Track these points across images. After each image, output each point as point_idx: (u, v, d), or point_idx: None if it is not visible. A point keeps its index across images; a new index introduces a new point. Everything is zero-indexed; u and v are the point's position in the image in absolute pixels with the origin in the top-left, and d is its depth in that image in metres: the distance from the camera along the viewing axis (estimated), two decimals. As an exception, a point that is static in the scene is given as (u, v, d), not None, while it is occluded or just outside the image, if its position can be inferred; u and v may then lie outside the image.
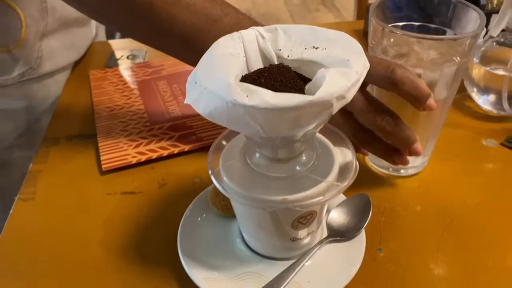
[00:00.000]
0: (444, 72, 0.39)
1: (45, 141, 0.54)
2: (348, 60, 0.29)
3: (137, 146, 0.51)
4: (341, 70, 0.29)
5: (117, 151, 0.50)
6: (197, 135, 0.52)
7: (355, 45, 0.31)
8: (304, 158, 0.34)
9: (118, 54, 0.71)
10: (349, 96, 0.28)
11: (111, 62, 0.69)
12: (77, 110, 0.59)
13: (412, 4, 0.43)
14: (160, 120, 0.55)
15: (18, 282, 0.38)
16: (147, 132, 0.53)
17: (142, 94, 0.61)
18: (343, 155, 0.35)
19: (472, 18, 0.39)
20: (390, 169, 0.47)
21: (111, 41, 0.78)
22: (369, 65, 0.30)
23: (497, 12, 0.52)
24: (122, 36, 0.94)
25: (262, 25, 0.36)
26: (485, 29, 0.57)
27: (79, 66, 0.69)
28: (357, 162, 0.34)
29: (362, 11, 1.03)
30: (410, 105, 0.41)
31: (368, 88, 0.44)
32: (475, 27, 0.38)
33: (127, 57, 0.70)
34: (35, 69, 0.60)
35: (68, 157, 0.51)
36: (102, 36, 0.81)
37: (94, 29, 0.75)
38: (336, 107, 0.28)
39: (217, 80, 0.28)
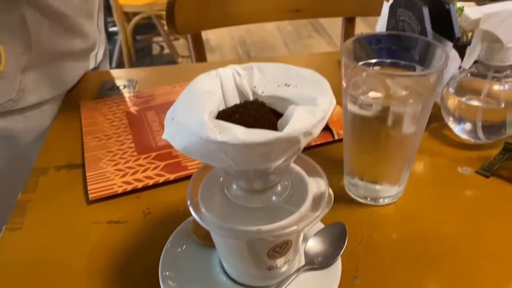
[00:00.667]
0: (410, 107, 0.41)
1: (35, 171, 0.55)
2: (315, 98, 0.31)
3: (123, 176, 0.52)
4: (308, 108, 0.30)
5: (104, 180, 0.51)
6: (182, 164, 0.54)
7: (324, 84, 0.33)
8: (279, 188, 0.35)
9: (109, 84, 0.73)
10: (316, 132, 0.30)
11: (103, 92, 0.71)
12: (67, 140, 0.61)
13: (384, 42, 0.45)
14: (147, 149, 0.57)
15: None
16: (133, 161, 0.54)
17: (130, 124, 0.62)
18: (317, 185, 0.37)
19: (440, 56, 0.42)
20: (368, 199, 0.48)
21: (102, 71, 0.80)
22: (335, 102, 0.32)
23: (470, 45, 0.55)
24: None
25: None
26: (460, 60, 0.60)
27: (71, 95, 0.71)
28: (331, 192, 0.36)
29: (348, 40, 1.06)
30: (383, 135, 0.43)
31: (343, 121, 0.46)
32: (441, 63, 0.40)
33: (118, 88, 0.72)
34: (15, 101, 0.61)
35: (56, 186, 0.53)
36: (105, 66, 0.83)
37: (94, 61, 0.77)
38: (304, 142, 0.29)
39: (192, 117, 0.30)
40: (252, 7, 1.02)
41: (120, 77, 0.77)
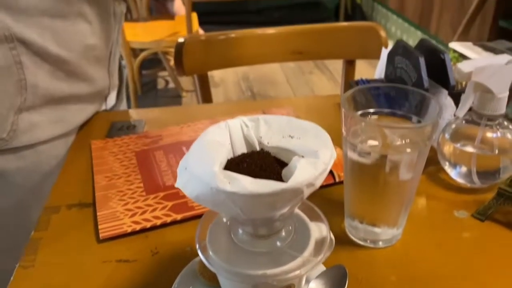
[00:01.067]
0: (407, 156, 0.43)
1: (46, 209, 0.57)
2: (317, 151, 0.34)
3: (132, 216, 0.54)
4: (310, 160, 0.33)
5: (114, 220, 0.53)
6: (188, 205, 0.56)
7: (325, 137, 0.36)
8: (283, 234, 0.38)
9: (118, 124, 0.76)
10: (318, 183, 0.32)
11: (112, 132, 0.74)
12: (78, 179, 0.63)
13: (382, 94, 0.48)
14: (155, 189, 0.59)
15: None
16: (142, 201, 0.57)
17: (139, 163, 0.65)
18: (319, 229, 0.39)
19: (434, 108, 0.45)
20: (368, 241, 0.50)
21: (112, 112, 0.83)
22: (335, 154, 0.34)
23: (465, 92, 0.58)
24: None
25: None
26: (455, 107, 0.63)
27: (82, 134, 0.74)
28: (333, 236, 0.38)
29: (348, 84, 1.10)
30: (381, 181, 0.45)
31: (344, 166, 0.48)
32: (435, 115, 0.43)
33: (127, 128, 0.75)
34: (7, 140, 0.61)
35: (68, 225, 0.55)
36: (119, 107, 0.85)
37: (105, 104, 0.79)
38: (306, 193, 0.32)
39: (203, 168, 0.33)
40: (256, 50, 1.07)
41: (130, 117, 0.80)
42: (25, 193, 0.67)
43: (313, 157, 0.34)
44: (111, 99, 0.82)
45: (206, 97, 1.09)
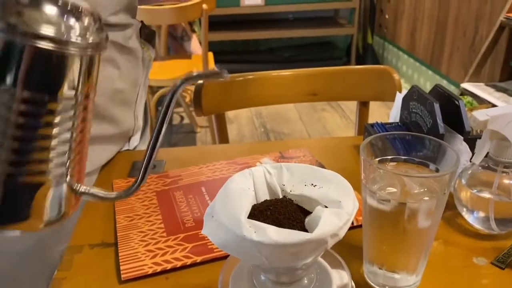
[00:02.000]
0: (425, 204, 0.44)
1: (70, 248, 0.58)
2: (340, 201, 0.35)
3: (153, 257, 0.55)
4: (334, 211, 0.34)
5: (135, 261, 0.54)
6: (208, 246, 0.57)
7: (347, 187, 0.37)
8: (305, 281, 0.38)
9: (140, 164, 0.78)
10: (341, 234, 0.33)
11: (134, 172, 0.76)
12: (100, 218, 0.65)
13: (399, 141, 0.50)
14: (176, 230, 0.60)
15: None
16: (163, 242, 0.58)
17: (160, 204, 0.67)
18: (340, 277, 0.40)
19: (451, 156, 0.46)
20: (387, 287, 0.50)
21: (134, 151, 0.86)
22: (358, 205, 0.36)
23: (480, 137, 0.59)
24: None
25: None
26: (470, 153, 0.64)
27: (104, 173, 0.76)
28: (353, 284, 0.39)
29: (362, 124, 1.12)
30: (400, 228, 0.46)
31: (362, 213, 0.49)
32: (452, 164, 0.44)
33: (148, 167, 0.77)
34: None
35: (90, 265, 0.56)
36: (141, 147, 0.88)
37: (127, 145, 0.82)
38: (330, 243, 0.33)
39: (230, 216, 0.34)
40: (273, 91, 1.10)
41: (150, 156, 0.82)
42: (45, 233, 0.68)
43: (336, 207, 0.35)
44: (135, 140, 0.85)
45: (223, 135, 1.12)
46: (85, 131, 0.39)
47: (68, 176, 0.37)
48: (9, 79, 0.32)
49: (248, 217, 0.35)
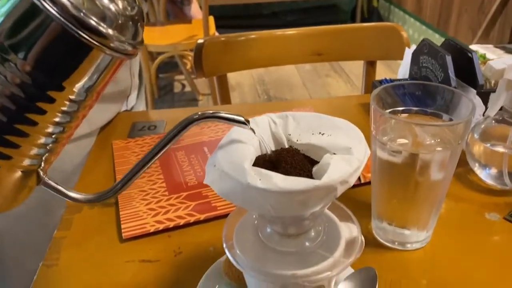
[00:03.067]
0: (439, 155, 0.42)
1: (69, 208, 0.57)
2: (351, 148, 0.33)
3: (155, 215, 0.54)
4: (344, 157, 0.32)
5: (136, 219, 0.53)
6: (211, 204, 0.55)
7: (357, 133, 0.34)
8: (313, 233, 0.37)
9: (140, 125, 0.76)
10: (352, 181, 0.31)
11: (133, 132, 0.74)
12: (100, 179, 0.63)
13: (411, 91, 0.47)
14: (178, 189, 0.58)
15: None
16: (165, 201, 0.56)
17: (161, 163, 0.65)
18: (349, 230, 0.38)
19: (466, 105, 0.43)
20: (396, 243, 0.48)
21: (133, 113, 0.83)
22: (369, 152, 0.33)
23: (494, 91, 0.57)
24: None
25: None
26: (484, 107, 0.61)
27: (103, 135, 0.74)
28: (363, 238, 0.37)
29: (369, 83, 1.08)
30: (412, 182, 0.44)
31: (371, 166, 0.47)
32: (467, 113, 0.42)
33: (149, 128, 0.75)
34: None
35: (90, 224, 0.54)
36: (138, 108, 0.86)
37: (125, 105, 0.80)
38: (340, 191, 0.31)
39: (233, 164, 0.32)
40: (276, 51, 1.06)
41: (150, 117, 0.80)
42: (47, 193, 0.67)
43: (346, 154, 0.33)
44: (132, 99, 0.83)
45: (225, 99, 1.09)
46: (77, 128, 0.36)
47: (41, 167, 0.34)
48: (25, 48, 0.29)
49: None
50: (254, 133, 0.35)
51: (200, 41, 0.98)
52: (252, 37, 1.04)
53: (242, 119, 0.34)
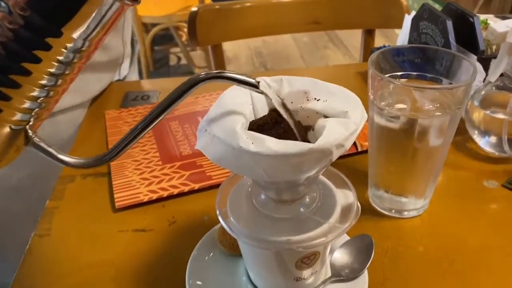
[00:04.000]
0: (438, 120, 0.41)
1: (62, 178, 0.56)
2: (347, 111, 0.31)
3: (149, 185, 0.53)
4: (340, 120, 0.31)
5: (130, 189, 0.52)
6: (206, 174, 0.54)
7: (354, 98, 0.33)
8: (307, 200, 0.36)
9: (133, 95, 0.74)
10: (348, 145, 0.30)
11: (126, 102, 0.72)
12: (92, 149, 0.62)
13: (410, 55, 0.46)
14: (172, 159, 0.57)
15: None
16: (159, 171, 0.55)
17: (155, 133, 0.63)
18: (345, 197, 0.37)
19: (466, 68, 0.42)
20: (393, 211, 0.48)
21: (126, 82, 0.82)
22: (366, 116, 0.32)
23: (496, 57, 0.55)
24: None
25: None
26: (484, 73, 0.60)
27: (96, 105, 0.73)
28: (359, 204, 0.36)
29: (368, 52, 1.06)
30: (410, 148, 0.43)
31: (369, 133, 0.46)
32: (468, 77, 0.40)
33: (142, 98, 0.74)
34: None
35: (83, 194, 0.54)
36: (131, 78, 0.84)
37: (118, 74, 0.78)
38: (336, 154, 0.30)
39: (225, 128, 0.31)
40: (272, 20, 1.03)
41: (144, 87, 0.78)
42: (42, 163, 0.67)
43: (343, 118, 0.31)
44: (124, 68, 0.81)
45: (220, 69, 1.06)
46: (71, 82, 0.33)
47: (30, 123, 0.31)
48: None
49: (245, 132, 0.32)
50: (266, 95, 0.33)
51: (194, 9, 0.95)
52: (247, 5, 1.01)
53: (252, 80, 0.31)
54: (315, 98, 0.35)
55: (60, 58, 0.29)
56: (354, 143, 0.58)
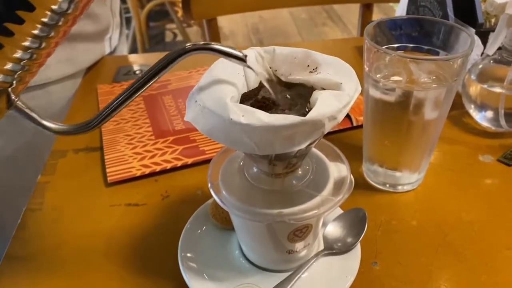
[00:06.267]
0: (434, 92, 0.40)
1: (53, 153, 0.55)
2: (341, 83, 0.31)
3: (141, 159, 0.52)
4: (333, 92, 0.30)
5: (122, 163, 0.52)
6: (199, 148, 0.54)
7: (349, 69, 0.32)
8: (300, 172, 0.35)
9: (125, 69, 0.73)
10: (340, 117, 0.29)
11: (119, 77, 0.71)
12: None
13: (409, 24, 0.44)
14: (165, 133, 0.57)
15: (26, 282, 0.40)
16: (151, 145, 0.55)
17: (148, 108, 0.63)
18: (338, 170, 0.37)
19: (464, 40, 0.41)
20: (387, 185, 0.48)
21: (118, 56, 0.80)
22: (360, 88, 0.31)
23: (494, 31, 0.54)
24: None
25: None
26: (482, 46, 0.59)
27: (87, 79, 0.71)
28: (352, 177, 0.36)
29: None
30: (405, 121, 0.42)
31: (364, 107, 0.45)
32: (465, 47, 0.39)
33: (134, 72, 0.72)
34: None
35: (75, 169, 0.53)
36: (122, 51, 0.83)
37: (109, 45, 0.77)
38: (328, 127, 0.29)
39: (215, 100, 0.30)
40: (268, -7, 1.01)
41: (136, 62, 0.77)
42: (35, 134, 0.66)
43: (337, 90, 0.31)
44: (115, 39, 0.79)
45: (216, 44, 1.05)
46: (55, 46, 0.32)
47: (12, 86, 0.31)
48: None
49: (237, 104, 0.31)
50: (253, 70, 0.32)
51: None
52: (243, -22, 0.99)
53: (238, 53, 0.31)
54: (309, 69, 0.34)
55: (44, 20, 0.28)
56: (349, 118, 0.57)
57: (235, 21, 2.99)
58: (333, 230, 0.41)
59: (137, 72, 0.72)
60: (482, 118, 0.56)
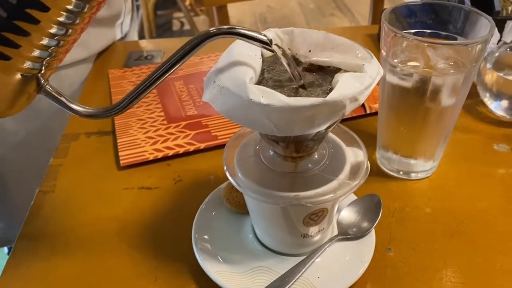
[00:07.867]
0: (452, 78, 0.39)
1: (65, 136, 0.55)
2: (363, 64, 0.30)
3: (154, 143, 0.52)
4: (355, 74, 0.30)
5: (135, 147, 0.52)
6: (212, 134, 0.53)
7: (369, 53, 0.32)
8: (316, 156, 0.35)
9: (136, 54, 0.73)
10: (362, 99, 0.29)
11: (130, 62, 0.71)
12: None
13: (424, 11, 0.44)
14: (177, 118, 0.57)
15: (39, 264, 0.40)
16: (164, 130, 0.54)
17: (159, 93, 0.62)
18: (355, 155, 0.36)
19: (483, 26, 0.40)
20: (401, 173, 0.47)
21: (129, 42, 0.80)
22: (382, 71, 0.31)
23: (511, 19, 0.53)
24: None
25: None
26: (499, 35, 0.58)
27: (98, 64, 0.71)
28: (368, 163, 0.35)
29: (378, 15, 1.03)
30: (421, 108, 0.42)
31: (380, 93, 0.45)
32: (485, 34, 0.39)
33: (145, 58, 0.72)
34: None
35: (87, 152, 0.53)
36: (133, 36, 0.83)
37: (120, 31, 0.77)
38: (349, 108, 0.29)
39: (234, 80, 0.30)
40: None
41: (147, 47, 0.77)
42: (49, 117, 0.67)
43: (358, 71, 0.30)
44: (126, 24, 0.79)
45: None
46: (81, 32, 0.32)
47: (41, 72, 0.31)
48: None
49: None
50: (276, 53, 0.31)
51: None
52: (254, -35, 0.97)
53: (263, 37, 0.30)
54: (329, 50, 0.34)
55: (69, 7, 0.29)
56: (363, 105, 0.57)
57: (243, 10, 2.97)
58: (348, 215, 0.41)
59: (149, 57, 0.72)
60: (497, 107, 0.55)
